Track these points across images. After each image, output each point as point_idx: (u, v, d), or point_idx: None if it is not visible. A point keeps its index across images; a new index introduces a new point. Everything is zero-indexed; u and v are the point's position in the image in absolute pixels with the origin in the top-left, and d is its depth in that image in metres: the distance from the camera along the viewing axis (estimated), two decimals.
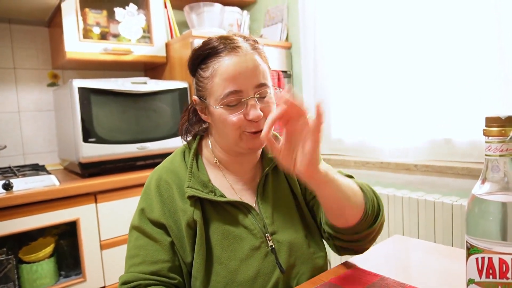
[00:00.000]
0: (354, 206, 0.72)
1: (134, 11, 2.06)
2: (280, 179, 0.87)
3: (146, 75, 2.47)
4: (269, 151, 0.83)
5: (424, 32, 1.74)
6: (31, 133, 2.07)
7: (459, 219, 1.57)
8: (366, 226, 0.75)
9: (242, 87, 0.73)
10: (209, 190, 0.78)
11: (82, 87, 1.68)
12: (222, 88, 0.74)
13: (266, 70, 0.77)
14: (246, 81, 0.73)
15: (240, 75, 0.73)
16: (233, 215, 0.79)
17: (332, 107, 2.17)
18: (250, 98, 0.74)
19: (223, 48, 0.74)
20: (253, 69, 0.74)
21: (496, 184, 0.53)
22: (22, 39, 2.04)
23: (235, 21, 2.48)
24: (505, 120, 0.51)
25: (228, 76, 0.73)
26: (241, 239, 0.78)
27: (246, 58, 0.74)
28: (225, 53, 0.74)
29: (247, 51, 0.75)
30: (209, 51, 0.76)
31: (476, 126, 1.61)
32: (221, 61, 0.74)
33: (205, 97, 0.78)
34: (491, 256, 0.52)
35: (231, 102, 0.74)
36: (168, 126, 1.94)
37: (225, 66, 0.73)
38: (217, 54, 0.75)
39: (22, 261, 1.51)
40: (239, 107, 0.74)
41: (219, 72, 0.74)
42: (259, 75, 0.75)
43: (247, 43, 0.76)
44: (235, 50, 0.74)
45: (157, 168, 0.86)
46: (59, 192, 1.52)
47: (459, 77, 1.64)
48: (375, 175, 2.01)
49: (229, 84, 0.73)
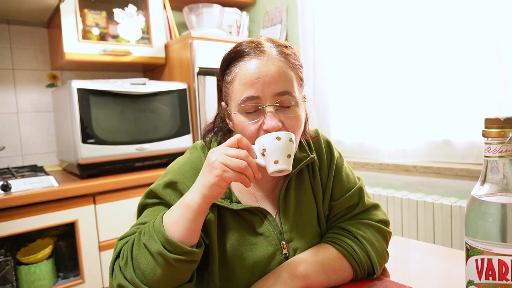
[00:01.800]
0: (340, 280, 0.74)
1: (133, 12, 2.06)
2: (304, 184, 0.83)
3: (145, 76, 2.47)
4: (297, 152, 0.81)
5: (423, 33, 1.74)
6: (29, 134, 2.06)
7: (459, 220, 1.57)
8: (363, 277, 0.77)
9: (259, 93, 0.68)
10: (226, 196, 0.75)
11: (81, 88, 1.67)
12: (240, 93, 0.70)
13: (291, 79, 0.71)
14: (264, 87, 0.68)
15: (259, 80, 0.68)
16: (249, 221, 0.77)
17: (331, 109, 2.17)
18: (268, 106, 0.69)
19: (247, 52, 0.71)
20: (274, 74, 0.69)
21: (495, 185, 0.53)
22: (21, 40, 2.03)
23: (234, 22, 2.48)
24: (504, 122, 0.51)
25: (246, 80, 0.69)
26: (255, 246, 0.76)
27: (268, 63, 0.69)
28: (249, 57, 0.70)
29: (271, 55, 0.70)
30: (233, 55, 0.73)
31: (475, 127, 1.61)
32: (242, 65, 0.71)
33: (228, 103, 0.75)
34: (491, 257, 0.52)
35: (248, 109, 0.70)
36: (167, 127, 1.94)
37: (245, 70, 0.70)
38: (240, 58, 0.72)
39: (20, 262, 1.50)
40: (257, 115, 0.70)
41: (238, 76, 0.71)
42: (281, 82, 0.69)
43: (276, 48, 0.72)
44: (258, 54, 0.70)
45: (180, 160, 0.81)
46: (57, 193, 1.51)
47: (457, 78, 1.64)
48: (374, 176, 2.01)
49: (246, 89, 0.69)
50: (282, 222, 0.79)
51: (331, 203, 0.84)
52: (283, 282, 0.67)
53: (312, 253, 0.75)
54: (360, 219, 0.82)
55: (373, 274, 0.77)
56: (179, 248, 0.61)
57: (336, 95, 2.15)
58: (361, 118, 2.03)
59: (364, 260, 0.75)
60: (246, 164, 0.60)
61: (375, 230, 0.80)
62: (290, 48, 0.75)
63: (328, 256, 0.74)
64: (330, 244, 0.77)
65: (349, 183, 0.85)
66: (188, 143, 1.99)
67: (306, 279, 0.68)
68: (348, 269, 0.75)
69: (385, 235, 0.81)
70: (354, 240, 0.77)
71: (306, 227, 0.81)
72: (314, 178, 0.83)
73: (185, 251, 0.61)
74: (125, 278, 0.63)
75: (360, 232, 0.78)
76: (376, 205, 0.85)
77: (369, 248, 0.76)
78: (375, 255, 0.76)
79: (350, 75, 2.07)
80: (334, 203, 0.83)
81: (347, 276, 0.74)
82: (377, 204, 0.85)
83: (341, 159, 0.88)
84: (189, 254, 0.62)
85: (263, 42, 0.73)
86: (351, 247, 0.76)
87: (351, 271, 0.75)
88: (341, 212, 0.83)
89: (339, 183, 0.84)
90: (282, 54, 0.72)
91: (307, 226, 0.81)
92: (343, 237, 0.78)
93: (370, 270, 0.77)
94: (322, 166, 0.84)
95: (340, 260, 0.74)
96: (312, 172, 0.83)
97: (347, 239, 0.77)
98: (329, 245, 0.77)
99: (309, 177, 0.84)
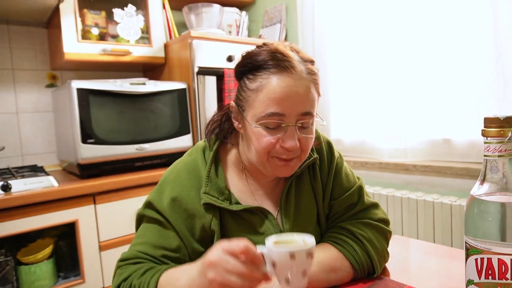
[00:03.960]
0: (340, 279, 0.74)
1: (133, 12, 2.06)
2: (304, 184, 0.84)
3: (144, 76, 2.47)
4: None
5: (423, 33, 1.74)
6: (29, 134, 2.06)
7: (458, 219, 1.57)
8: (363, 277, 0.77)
9: (286, 111, 0.68)
10: (225, 197, 0.76)
11: (81, 88, 1.67)
12: (264, 106, 0.69)
13: (315, 99, 0.72)
14: (292, 106, 0.68)
15: (289, 98, 0.68)
16: (250, 222, 0.78)
17: (331, 108, 2.17)
18: (291, 126, 0.69)
19: (275, 65, 0.69)
20: (303, 95, 0.69)
21: (495, 184, 0.53)
22: (21, 40, 2.03)
23: (233, 21, 2.48)
24: (504, 121, 0.51)
25: (275, 96, 0.68)
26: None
27: (299, 83, 0.68)
28: (277, 70, 0.69)
29: (302, 75, 0.69)
30: (261, 63, 0.70)
31: (475, 126, 1.61)
32: (271, 77, 0.69)
33: (244, 108, 0.74)
34: (490, 256, 0.52)
35: (270, 125, 0.70)
36: (167, 127, 1.94)
37: (274, 85, 0.68)
38: (267, 69, 0.69)
39: (20, 262, 1.50)
40: (277, 131, 0.70)
41: (266, 89, 0.69)
42: (307, 103, 0.70)
43: (304, 66, 0.71)
44: (288, 70, 0.68)
45: (177, 165, 0.82)
46: (57, 193, 1.51)
47: (457, 77, 1.65)
48: (374, 175, 2.01)
49: (273, 105, 0.68)
50: (283, 221, 0.79)
51: (331, 202, 0.84)
52: None
53: None
54: (360, 218, 0.82)
55: (373, 274, 0.77)
56: None
57: (336, 94, 2.15)
58: (361, 117, 2.03)
59: (364, 259, 0.75)
60: (250, 282, 0.55)
61: (375, 229, 0.80)
62: (314, 63, 0.74)
63: (328, 256, 0.74)
64: (330, 244, 0.78)
65: (348, 182, 0.85)
66: (188, 142, 1.99)
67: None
68: (348, 269, 0.75)
69: (385, 234, 0.81)
70: (354, 239, 0.78)
71: (306, 226, 0.81)
72: (314, 178, 0.84)
73: None
74: None
75: (360, 232, 0.78)
76: (376, 204, 0.85)
77: (369, 248, 0.76)
78: (375, 255, 0.76)
79: (350, 74, 2.07)
80: (334, 202, 0.84)
81: (347, 275, 0.75)
82: (377, 203, 0.86)
83: (341, 159, 0.89)
84: None
85: (290, 54, 0.71)
86: (351, 246, 0.76)
87: (351, 270, 0.75)
88: (341, 211, 0.84)
89: (339, 183, 0.85)
90: (310, 74, 0.71)
91: (307, 225, 0.82)
92: (343, 236, 0.78)
93: (370, 269, 0.77)
94: (322, 166, 0.85)
95: (340, 260, 0.75)
96: (313, 172, 0.84)
97: (347, 238, 0.78)
98: (329, 245, 0.77)
99: (310, 177, 0.84)
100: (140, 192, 1.74)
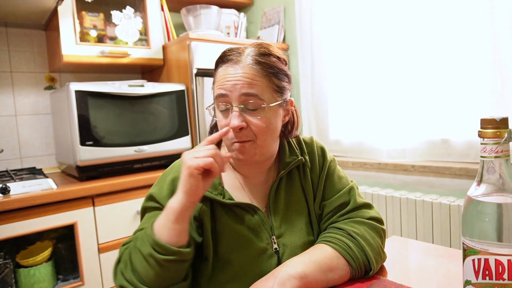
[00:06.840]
0: (338, 278, 0.74)
1: (131, 14, 2.06)
2: (294, 183, 0.87)
3: (143, 77, 2.47)
4: (287, 155, 0.86)
5: (421, 33, 1.74)
6: (28, 136, 2.06)
7: (457, 219, 1.58)
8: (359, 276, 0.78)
9: (228, 91, 0.74)
10: (218, 192, 0.80)
11: (79, 90, 1.67)
12: (214, 92, 0.78)
13: (263, 86, 0.75)
14: (232, 87, 0.74)
15: (231, 81, 0.74)
16: (241, 217, 0.81)
17: (330, 108, 2.18)
18: (235, 106, 0.74)
19: (227, 57, 0.77)
20: (243, 76, 0.74)
21: (491, 185, 0.53)
22: (19, 42, 2.03)
23: (232, 23, 2.49)
24: (500, 122, 0.52)
25: (219, 80, 0.76)
26: (248, 241, 0.79)
27: (242, 70, 0.74)
28: (224, 62, 0.77)
29: (245, 63, 0.75)
30: (219, 59, 0.79)
31: (473, 126, 1.62)
32: (219, 68, 0.78)
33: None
34: (488, 257, 0.52)
35: (220, 107, 0.77)
36: (165, 129, 1.94)
37: (221, 73, 0.76)
38: (221, 64, 0.78)
39: (19, 265, 1.50)
40: (227, 113, 0.76)
41: (216, 78, 0.78)
42: (248, 85, 0.74)
43: (252, 58, 0.76)
44: (233, 60, 0.76)
45: (176, 164, 0.85)
46: (56, 195, 1.51)
47: (455, 78, 1.65)
48: (373, 176, 2.01)
49: (218, 88, 0.76)
50: (272, 218, 0.83)
51: (323, 203, 0.87)
52: (282, 283, 0.67)
53: (308, 254, 0.76)
54: (352, 217, 0.84)
55: (370, 271, 0.77)
56: (167, 249, 0.66)
57: (334, 95, 2.16)
58: (360, 118, 2.04)
59: (360, 256, 0.76)
60: (213, 151, 0.66)
61: (367, 227, 0.81)
62: (270, 57, 0.78)
63: (324, 255, 0.75)
64: (325, 244, 0.78)
65: (341, 184, 0.89)
66: (186, 144, 1.99)
67: (304, 279, 0.69)
68: (345, 267, 0.75)
69: (379, 232, 0.82)
70: (348, 237, 0.79)
71: (295, 224, 0.84)
72: (305, 179, 0.88)
73: (173, 252, 0.66)
74: (125, 279, 0.69)
75: (354, 229, 0.79)
76: (368, 204, 0.87)
77: (364, 244, 0.77)
78: (370, 251, 0.77)
79: (349, 75, 2.07)
80: (326, 202, 0.87)
81: (344, 274, 0.75)
82: (369, 203, 0.88)
83: (334, 163, 0.93)
84: (178, 254, 0.67)
85: (246, 49, 0.78)
86: (346, 244, 0.77)
87: (348, 268, 0.75)
88: (333, 210, 0.86)
89: (331, 184, 0.88)
90: (256, 63, 0.75)
91: (297, 223, 0.85)
92: (336, 235, 0.80)
93: (367, 267, 0.77)
94: (313, 168, 0.89)
95: (337, 258, 0.75)
96: (303, 173, 0.88)
97: (341, 237, 0.79)
98: (324, 245, 0.78)
99: (300, 178, 0.88)
100: (139, 194, 1.74)
